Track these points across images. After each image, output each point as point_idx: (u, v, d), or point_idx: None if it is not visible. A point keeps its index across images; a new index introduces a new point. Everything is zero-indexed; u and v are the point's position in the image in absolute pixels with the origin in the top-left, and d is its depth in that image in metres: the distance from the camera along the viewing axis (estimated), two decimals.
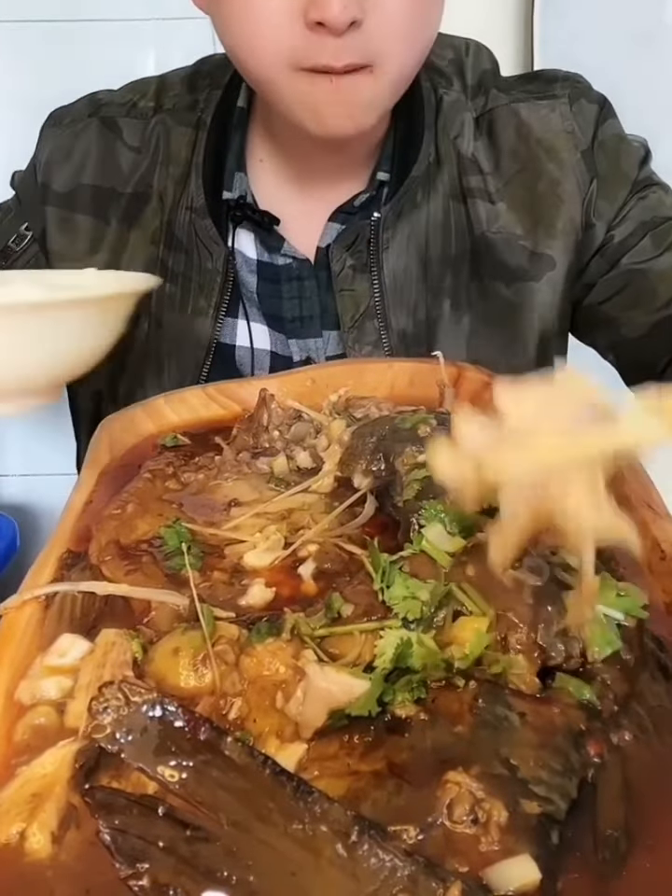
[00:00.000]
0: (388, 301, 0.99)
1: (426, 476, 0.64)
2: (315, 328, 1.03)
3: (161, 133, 1.03)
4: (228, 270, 1.00)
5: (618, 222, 1.00)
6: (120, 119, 1.05)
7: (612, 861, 0.44)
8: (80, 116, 1.06)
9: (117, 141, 1.04)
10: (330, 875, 0.40)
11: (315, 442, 0.78)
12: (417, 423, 0.70)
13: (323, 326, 1.03)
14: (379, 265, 0.98)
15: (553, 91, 1.02)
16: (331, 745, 0.48)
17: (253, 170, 1.03)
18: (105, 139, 1.05)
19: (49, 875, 0.44)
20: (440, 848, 0.42)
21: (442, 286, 1.00)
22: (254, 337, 1.03)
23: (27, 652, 0.57)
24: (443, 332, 1.00)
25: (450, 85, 1.02)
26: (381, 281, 0.98)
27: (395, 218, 0.98)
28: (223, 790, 0.41)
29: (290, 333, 1.03)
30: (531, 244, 1.00)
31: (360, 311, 0.99)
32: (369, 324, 0.99)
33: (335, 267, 0.99)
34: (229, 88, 1.03)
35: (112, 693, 0.42)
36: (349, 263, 0.99)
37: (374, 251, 0.98)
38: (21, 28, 1.46)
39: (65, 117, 1.07)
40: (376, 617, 0.54)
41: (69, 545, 0.66)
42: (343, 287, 0.99)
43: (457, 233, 1.00)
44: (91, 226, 1.05)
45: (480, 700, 0.48)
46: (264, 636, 0.54)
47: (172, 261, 1.03)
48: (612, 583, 0.56)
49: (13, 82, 1.47)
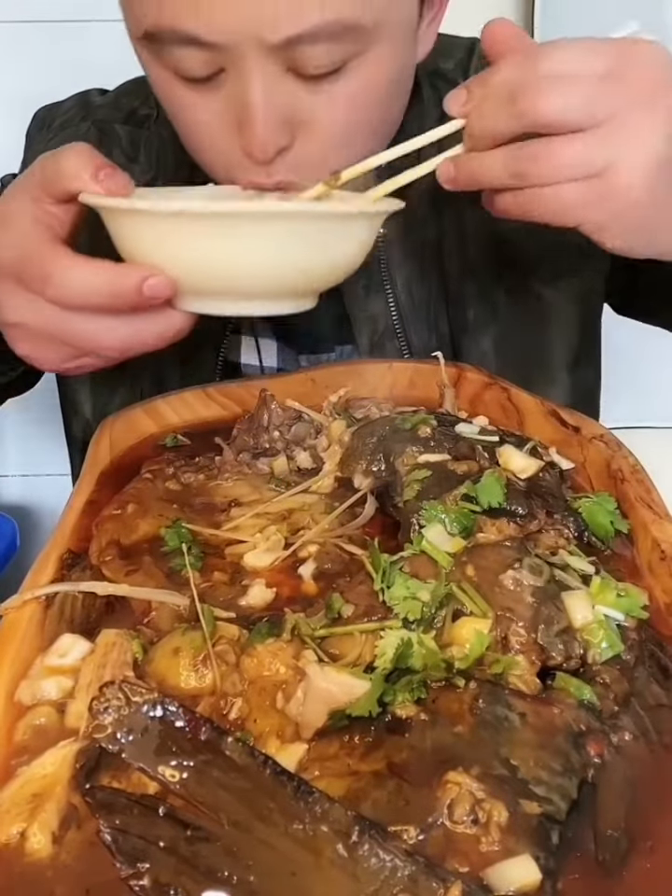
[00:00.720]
0: (407, 318, 0.95)
1: (426, 476, 0.64)
2: (327, 343, 1.00)
3: (160, 146, 0.98)
4: None
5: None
6: (118, 125, 1.00)
7: (612, 862, 0.44)
8: (72, 119, 1.02)
9: (114, 149, 0.99)
10: (331, 876, 0.40)
11: (316, 443, 0.78)
12: (417, 423, 0.70)
13: (335, 341, 1.00)
14: (392, 282, 0.95)
15: None
16: (332, 745, 0.48)
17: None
18: (101, 146, 0.95)
19: (49, 875, 0.44)
20: (440, 849, 0.42)
21: (465, 295, 0.96)
22: (263, 353, 0.99)
23: (27, 653, 0.57)
24: (469, 343, 0.96)
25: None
26: (396, 299, 0.95)
27: (402, 233, 0.95)
28: (224, 790, 0.41)
29: (301, 349, 1.00)
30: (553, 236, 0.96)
31: (379, 332, 0.96)
32: (389, 345, 0.95)
33: (346, 288, 0.94)
34: None
35: (113, 692, 0.42)
36: (361, 284, 0.95)
37: (385, 269, 0.95)
38: (21, 28, 1.46)
39: (54, 118, 1.03)
40: (377, 617, 0.54)
41: (69, 545, 0.66)
42: (357, 308, 0.95)
43: (476, 238, 0.95)
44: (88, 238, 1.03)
45: (480, 700, 0.48)
46: (264, 636, 0.54)
47: None
48: (612, 583, 0.56)
49: (12, 82, 1.47)
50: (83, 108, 1.03)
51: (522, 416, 0.81)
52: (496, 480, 0.61)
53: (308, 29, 0.66)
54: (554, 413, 0.78)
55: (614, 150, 0.61)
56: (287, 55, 0.68)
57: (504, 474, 0.63)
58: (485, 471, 0.63)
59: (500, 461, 0.66)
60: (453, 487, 0.62)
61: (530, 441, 0.70)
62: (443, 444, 0.68)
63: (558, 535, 0.60)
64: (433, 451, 0.67)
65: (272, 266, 0.64)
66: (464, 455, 0.67)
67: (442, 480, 0.63)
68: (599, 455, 0.73)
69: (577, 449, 0.75)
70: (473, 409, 0.83)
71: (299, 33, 0.66)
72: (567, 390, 0.99)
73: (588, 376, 1.04)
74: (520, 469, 0.66)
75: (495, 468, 0.64)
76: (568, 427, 0.77)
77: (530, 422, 0.80)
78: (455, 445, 0.68)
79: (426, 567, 0.56)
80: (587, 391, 1.04)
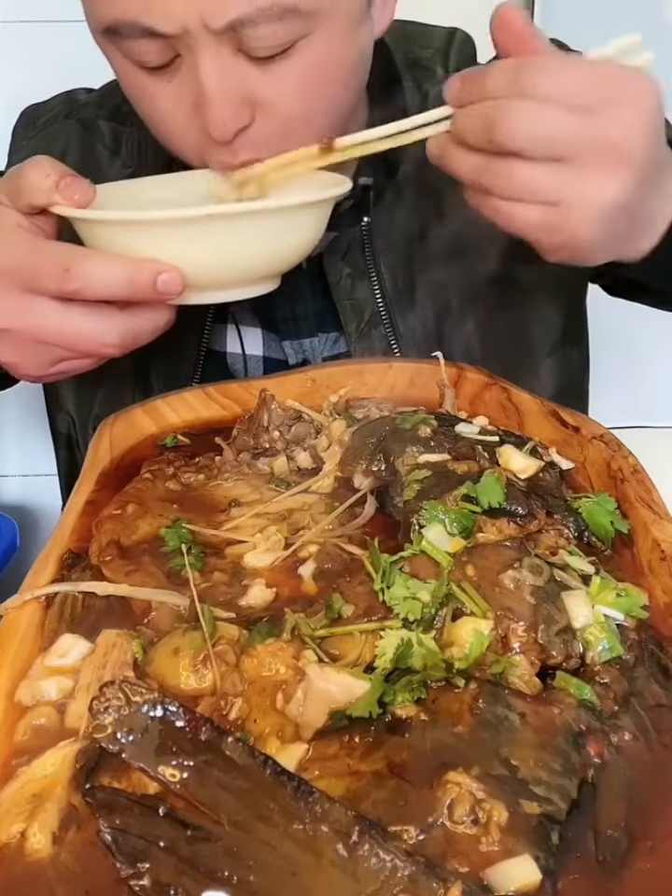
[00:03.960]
0: (393, 305, 0.97)
1: (426, 476, 0.64)
2: (310, 328, 1.01)
3: (142, 140, 0.99)
4: None
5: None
6: (102, 121, 1.02)
7: (613, 862, 0.44)
8: (56, 116, 1.03)
9: (97, 143, 1.01)
10: (331, 876, 0.40)
11: (316, 443, 0.78)
12: (417, 423, 0.70)
13: (319, 328, 1.01)
14: (378, 270, 0.96)
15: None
16: (332, 745, 0.48)
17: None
18: (84, 142, 1.01)
19: (49, 876, 0.44)
20: (440, 849, 0.42)
21: (449, 281, 0.97)
22: (246, 342, 1.01)
23: (27, 653, 0.57)
24: (454, 329, 0.97)
25: (434, 77, 0.98)
26: (381, 286, 0.96)
27: (387, 221, 0.96)
28: (224, 790, 0.42)
29: (284, 335, 1.01)
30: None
31: (365, 319, 0.97)
32: (375, 332, 0.97)
33: (332, 277, 0.97)
34: None
35: (113, 692, 0.42)
36: (346, 272, 0.96)
37: (370, 256, 0.96)
38: (19, 28, 1.46)
39: (39, 116, 1.04)
40: (376, 617, 0.54)
41: (69, 545, 0.66)
42: (343, 296, 0.97)
43: (458, 223, 0.96)
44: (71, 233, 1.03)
45: (480, 700, 0.48)
46: (264, 636, 0.53)
47: None
48: (612, 584, 0.56)
49: (10, 82, 1.47)
50: (68, 106, 1.05)
51: (522, 416, 0.81)
52: (495, 480, 0.61)
53: (248, 12, 0.70)
54: (554, 414, 0.78)
55: (569, 187, 0.63)
56: (235, 38, 0.72)
57: (504, 474, 0.63)
58: (485, 471, 0.63)
59: (500, 461, 0.66)
60: (453, 487, 0.62)
61: (530, 441, 0.71)
62: (443, 444, 0.68)
63: (558, 535, 0.60)
64: (433, 451, 0.67)
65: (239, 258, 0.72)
66: (464, 456, 0.66)
67: (442, 480, 0.63)
68: (599, 455, 0.73)
69: (577, 449, 0.75)
70: (473, 409, 0.83)
71: (239, 17, 0.70)
72: (554, 371, 1.00)
73: (573, 357, 1.05)
74: (520, 469, 0.66)
75: (495, 468, 0.64)
76: (568, 427, 0.77)
77: (530, 422, 0.80)
78: (455, 445, 0.68)
79: (426, 567, 0.56)
80: (574, 372, 1.05)
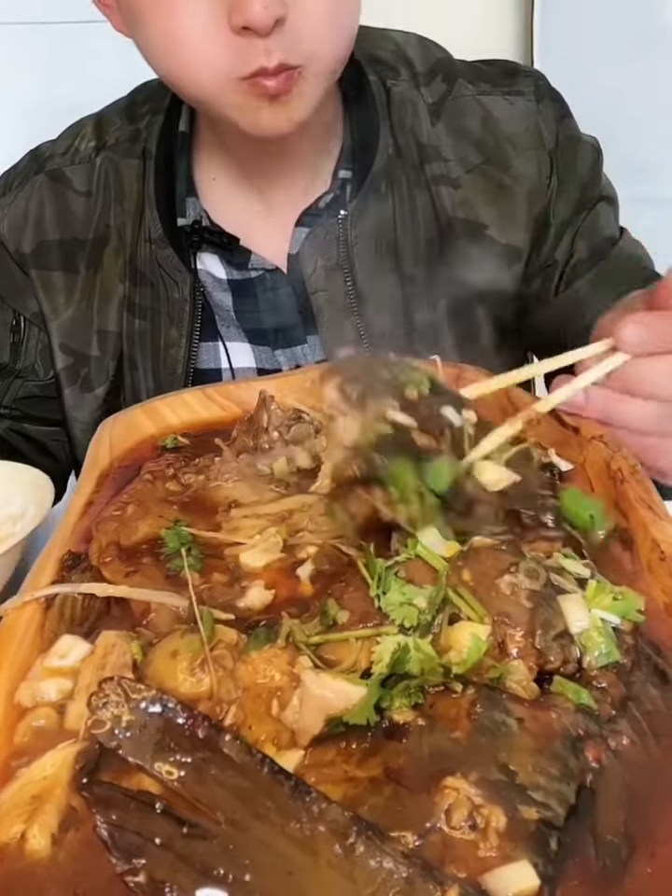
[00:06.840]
0: (364, 297, 0.99)
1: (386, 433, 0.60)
2: (299, 334, 1.02)
3: (110, 170, 1.03)
4: (196, 296, 1.00)
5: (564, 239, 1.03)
6: (66, 168, 1.04)
7: (613, 868, 0.43)
8: (27, 176, 1.06)
9: (67, 191, 1.04)
10: (327, 876, 0.40)
11: (316, 443, 0.77)
12: (410, 382, 0.64)
13: (306, 332, 1.03)
14: (351, 262, 0.98)
15: (518, 87, 1.02)
16: (328, 751, 0.48)
17: (208, 190, 1.02)
18: (55, 193, 1.04)
19: (48, 876, 0.44)
20: (438, 854, 0.42)
21: (416, 276, 1.00)
22: (234, 357, 1.03)
23: (27, 654, 0.57)
24: (420, 323, 1.00)
25: (397, 75, 1.02)
26: (353, 278, 0.98)
27: (361, 214, 0.98)
28: (221, 787, 0.42)
29: (275, 344, 1.03)
30: (497, 233, 1.01)
31: (337, 309, 0.99)
32: (346, 322, 0.99)
33: (307, 269, 0.98)
34: (170, 111, 1.02)
35: (112, 688, 0.42)
36: (321, 264, 0.98)
37: (345, 249, 0.98)
38: (19, 30, 1.46)
39: (13, 180, 1.07)
40: (372, 623, 0.54)
41: (69, 546, 0.66)
42: (316, 287, 0.99)
43: (425, 221, 1.00)
44: (63, 279, 1.05)
45: (477, 705, 0.48)
46: (262, 643, 0.53)
47: (139, 297, 1.02)
48: (608, 587, 0.56)
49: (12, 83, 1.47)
50: (34, 162, 1.07)
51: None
52: (447, 468, 0.60)
53: None
54: (554, 414, 0.78)
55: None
56: None
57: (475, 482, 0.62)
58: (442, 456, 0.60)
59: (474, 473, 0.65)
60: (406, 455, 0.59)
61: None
62: (420, 412, 0.63)
63: (542, 539, 0.60)
64: (406, 413, 0.62)
65: None
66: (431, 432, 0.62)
67: (399, 443, 0.60)
68: (599, 456, 0.73)
69: (576, 449, 0.75)
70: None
71: None
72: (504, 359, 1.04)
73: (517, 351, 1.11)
74: (492, 483, 0.64)
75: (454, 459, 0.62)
76: (568, 428, 0.77)
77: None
78: (430, 418, 0.63)
79: (421, 571, 0.56)
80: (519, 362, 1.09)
